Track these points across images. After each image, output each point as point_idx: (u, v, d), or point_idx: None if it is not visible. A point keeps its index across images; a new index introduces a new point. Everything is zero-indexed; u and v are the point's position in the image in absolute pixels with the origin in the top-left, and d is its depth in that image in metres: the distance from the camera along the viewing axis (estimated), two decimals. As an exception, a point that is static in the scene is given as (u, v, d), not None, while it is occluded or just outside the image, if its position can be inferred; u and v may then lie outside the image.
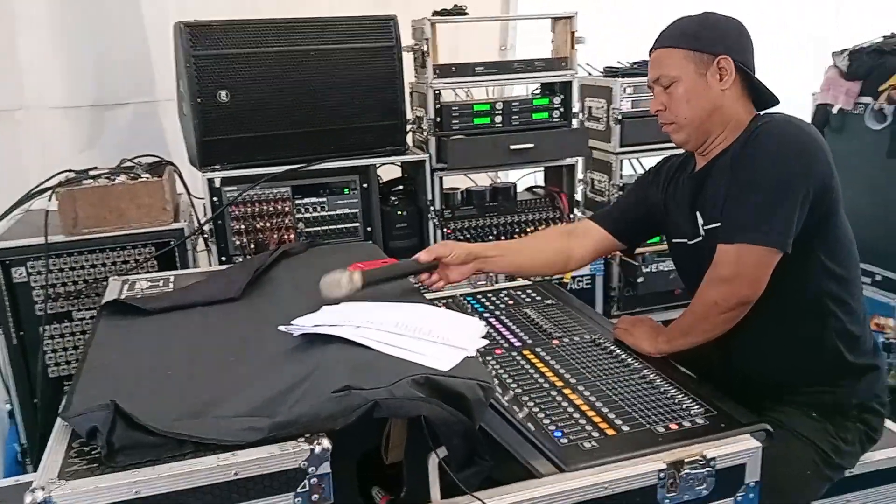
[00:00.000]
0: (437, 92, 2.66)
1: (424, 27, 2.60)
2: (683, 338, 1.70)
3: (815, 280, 1.64)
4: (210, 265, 2.58)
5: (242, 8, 3.28)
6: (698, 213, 1.76)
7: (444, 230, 2.74)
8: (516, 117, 2.75)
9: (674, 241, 1.89)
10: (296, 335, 1.37)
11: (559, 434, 1.44)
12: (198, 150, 2.45)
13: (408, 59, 2.72)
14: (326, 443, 1.12)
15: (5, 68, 2.95)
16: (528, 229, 2.82)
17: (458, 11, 2.70)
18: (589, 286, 2.97)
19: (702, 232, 1.75)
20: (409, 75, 2.79)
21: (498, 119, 2.73)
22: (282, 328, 1.38)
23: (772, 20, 4.22)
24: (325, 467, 1.12)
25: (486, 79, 2.72)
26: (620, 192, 2.97)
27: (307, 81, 2.53)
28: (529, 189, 3.05)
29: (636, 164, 3.23)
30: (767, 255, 1.57)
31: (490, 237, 2.77)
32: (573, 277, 2.91)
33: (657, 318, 3.04)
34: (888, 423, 1.86)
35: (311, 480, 1.11)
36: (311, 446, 1.11)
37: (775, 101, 1.74)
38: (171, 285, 1.90)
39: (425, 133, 2.73)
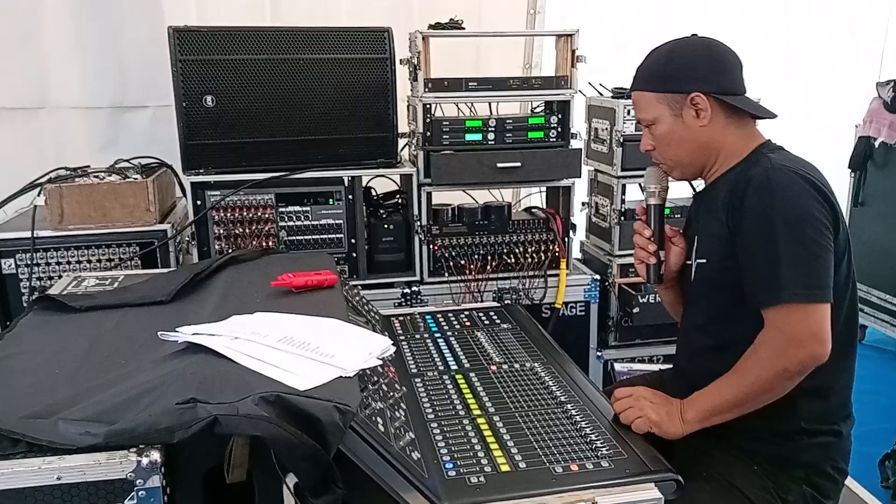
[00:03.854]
0: (427, 106, 2.61)
1: (417, 40, 2.56)
2: (726, 415, 1.49)
3: None
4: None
5: (262, 16, 3.36)
6: (696, 238, 1.67)
7: (432, 246, 2.69)
8: (510, 135, 2.67)
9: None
10: (180, 342, 1.36)
11: (450, 465, 1.38)
12: (181, 154, 2.49)
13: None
14: (156, 456, 1.09)
15: (30, 68, 3.08)
16: (517, 250, 2.73)
17: (454, 25, 2.65)
18: (583, 313, 2.85)
19: (693, 262, 1.66)
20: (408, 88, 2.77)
21: (491, 136, 2.66)
22: (160, 335, 1.36)
23: (815, 49, 4.01)
24: (155, 481, 1.09)
25: (478, 95, 2.65)
26: (622, 218, 2.85)
27: (296, 90, 2.52)
28: (528, 209, 2.96)
29: (647, 190, 3.10)
30: (826, 310, 1.42)
31: (476, 255, 2.70)
32: (565, 304, 2.80)
33: (655, 352, 2.92)
34: (851, 484, 1.70)
35: (140, 493, 1.09)
36: (140, 458, 1.08)
37: (770, 116, 1.62)
38: (116, 284, 1.92)
39: (413, 147, 2.69)
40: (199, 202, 2.51)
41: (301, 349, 1.33)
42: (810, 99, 3.95)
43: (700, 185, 1.75)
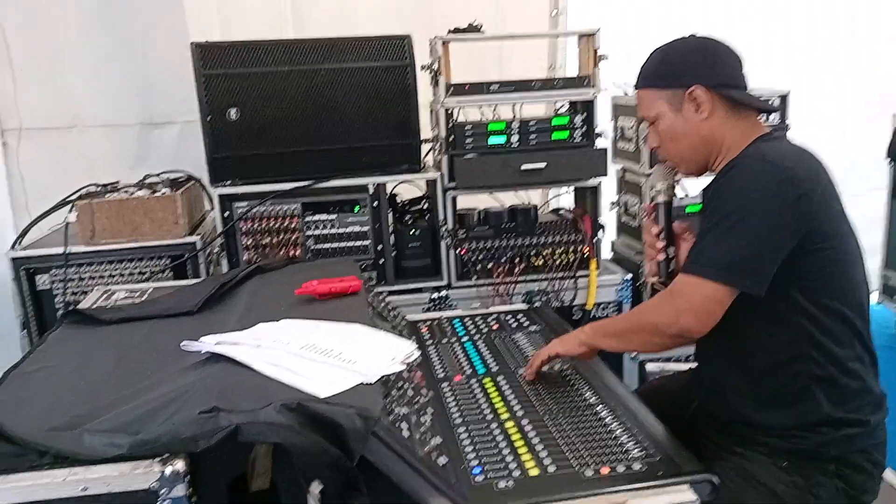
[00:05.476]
0: (449, 111, 2.60)
1: (437, 46, 2.56)
2: (610, 339, 1.65)
3: (788, 320, 1.48)
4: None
5: (284, 28, 3.38)
6: None
7: (458, 250, 2.68)
8: (534, 136, 2.65)
9: None
10: (203, 352, 1.36)
11: (478, 470, 1.36)
12: (208, 166, 2.52)
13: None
14: (180, 465, 1.09)
15: (59, 89, 3.14)
16: (545, 252, 2.70)
17: (473, 29, 2.64)
18: (615, 313, 2.79)
19: None
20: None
21: (514, 138, 2.64)
22: (183, 345, 1.37)
23: (815, 48, 3.92)
24: (179, 490, 1.09)
25: (500, 97, 2.63)
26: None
27: (318, 100, 2.54)
28: (555, 211, 2.93)
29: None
30: (722, 293, 1.44)
31: (504, 259, 2.68)
32: (597, 304, 2.76)
33: (691, 350, 2.86)
34: (889, 477, 1.63)
35: (165, 502, 1.08)
36: (164, 468, 1.08)
37: (768, 109, 1.67)
38: (145, 297, 1.94)
39: (437, 152, 2.68)
40: (226, 213, 2.54)
41: (323, 356, 1.32)
42: (814, 96, 3.85)
43: None
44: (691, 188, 2.78)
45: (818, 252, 1.45)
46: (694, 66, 1.56)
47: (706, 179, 1.77)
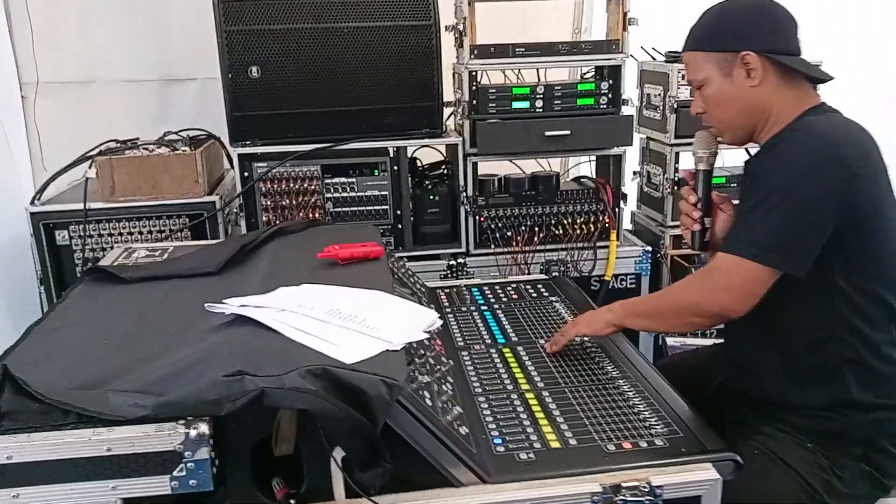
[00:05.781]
0: (472, 73, 2.55)
1: (462, 6, 2.50)
2: (641, 319, 1.64)
3: (825, 302, 1.45)
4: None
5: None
6: None
7: (478, 217, 2.65)
8: (558, 102, 2.60)
9: None
10: (227, 314, 1.35)
11: (499, 441, 1.36)
12: (228, 125, 2.49)
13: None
14: (204, 428, 1.08)
15: (80, 43, 3.11)
16: (566, 221, 2.67)
17: (500, -11, 2.58)
18: (633, 286, 2.77)
19: None
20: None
21: (539, 104, 2.59)
22: (207, 307, 1.36)
23: (861, 30, 3.80)
24: (203, 453, 1.08)
25: (525, 61, 2.58)
26: (675, 187, 2.76)
27: (341, 59, 2.49)
28: (577, 179, 2.89)
29: (701, 158, 2.99)
30: (764, 274, 1.41)
31: (524, 227, 2.65)
32: (615, 276, 2.73)
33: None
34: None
35: (188, 465, 1.08)
36: (188, 430, 1.08)
37: (823, 77, 1.57)
38: (166, 256, 1.93)
39: (459, 116, 2.64)
40: (246, 174, 2.51)
41: (347, 322, 1.31)
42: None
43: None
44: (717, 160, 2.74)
45: (862, 231, 1.41)
46: (749, 30, 1.50)
47: (732, 153, 1.73)
